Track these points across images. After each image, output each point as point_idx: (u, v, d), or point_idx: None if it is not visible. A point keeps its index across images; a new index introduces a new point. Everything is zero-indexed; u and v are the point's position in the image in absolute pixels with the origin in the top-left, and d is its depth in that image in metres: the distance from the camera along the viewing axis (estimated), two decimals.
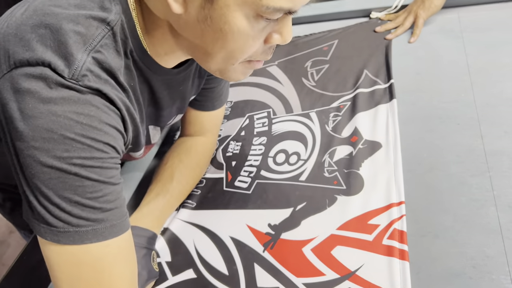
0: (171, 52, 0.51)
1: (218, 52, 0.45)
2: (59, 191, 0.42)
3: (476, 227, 0.59)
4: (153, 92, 0.55)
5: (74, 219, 0.43)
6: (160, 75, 0.53)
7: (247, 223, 0.68)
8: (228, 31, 0.42)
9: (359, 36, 1.00)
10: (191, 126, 0.76)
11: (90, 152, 0.42)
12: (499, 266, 0.54)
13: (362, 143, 0.74)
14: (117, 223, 0.46)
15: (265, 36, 0.45)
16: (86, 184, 0.43)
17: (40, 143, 0.41)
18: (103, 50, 0.44)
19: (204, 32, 0.43)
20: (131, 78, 0.49)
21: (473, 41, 0.89)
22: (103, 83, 0.44)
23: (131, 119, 0.50)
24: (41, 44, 0.41)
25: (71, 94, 0.41)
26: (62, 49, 0.41)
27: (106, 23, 0.44)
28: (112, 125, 0.45)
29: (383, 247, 0.58)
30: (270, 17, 0.42)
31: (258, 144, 0.82)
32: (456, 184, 0.65)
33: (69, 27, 0.42)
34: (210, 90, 0.71)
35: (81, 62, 0.42)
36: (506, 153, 0.66)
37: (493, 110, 0.74)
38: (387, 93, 0.82)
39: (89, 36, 0.43)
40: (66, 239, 0.43)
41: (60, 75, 0.41)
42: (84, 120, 0.42)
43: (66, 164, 0.41)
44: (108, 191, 0.45)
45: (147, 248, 0.64)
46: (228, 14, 0.41)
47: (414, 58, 0.91)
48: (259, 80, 0.97)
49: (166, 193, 0.69)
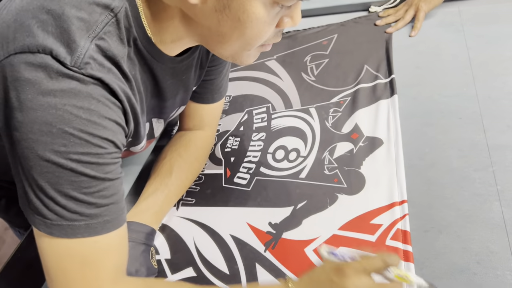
0: (178, 40, 0.50)
1: (235, 40, 0.46)
2: (55, 184, 0.42)
3: (480, 222, 0.58)
4: (157, 81, 0.54)
5: (68, 213, 0.43)
6: (164, 63, 0.52)
7: (247, 221, 0.66)
8: (247, 20, 0.43)
9: (359, 30, 0.99)
10: (190, 119, 0.75)
11: (88, 148, 0.42)
12: (504, 261, 0.53)
13: (363, 140, 0.73)
14: (111, 218, 0.45)
15: (277, 21, 0.46)
16: (82, 179, 0.42)
17: (38, 136, 0.40)
18: (107, 37, 0.43)
19: (221, 21, 0.43)
20: (133, 67, 0.48)
21: (474, 34, 0.88)
22: (106, 72, 0.43)
23: (132, 110, 0.49)
24: (42, 30, 0.40)
25: (72, 86, 0.40)
26: (65, 35, 0.40)
27: (110, 9, 0.43)
28: (113, 119, 0.44)
29: (386, 248, 0.57)
30: (286, 3, 0.42)
31: (257, 140, 0.81)
32: (459, 179, 0.64)
33: (72, 13, 0.41)
34: (210, 82, 0.70)
35: (84, 50, 0.41)
36: (509, 147, 0.66)
37: (495, 104, 0.73)
38: (388, 88, 0.81)
39: (92, 22, 0.42)
40: (58, 232, 0.43)
41: (61, 63, 0.40)
42: (83, 114, 0.41)
43: (63, 158, 0.41)
44: (104, 187, 0.44)
45: (146, 244, 0.62)
46: (246, 3, 0.41)
47: (414, 52, 0.90)
48: (258, 75, 0.95)
49: (165, 188, 0.68)
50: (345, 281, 0.43)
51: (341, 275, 0.44)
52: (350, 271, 0.44)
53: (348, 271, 0.44)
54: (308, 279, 0.48)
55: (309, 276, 0.48)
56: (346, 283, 0.43)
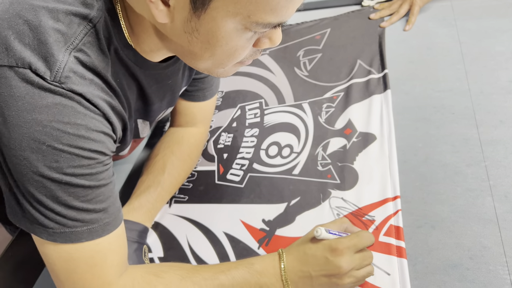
0: (157, 50, 0.49)
1: (207, 59, 0.44)
2: (52, 197, 0.42)
3: (473, 217, 0.58)
4: (141, 87, 0.53)
5: (70, 221, 0.43)
6: (147, 70, 0.51)
7: (240, 218, 0.66)
8: (217, 44, 0.41)
9: (352, 24, 0.99)
10: (181, 117, 0.74)
11: (79, 161, 0.42)
12: (496, 256, 0.54)
13: (356, 136, 0.73)
14: (110, 220, 0.47)
15: (253, 42, 0.44)
16: (78, 190, 0.43)
17: (29, 153, 0.40)
18: (86, 48, 0.42)
19: (191, 42, 0.42)
20: (117, 75, 0.47)
21: (466, 29, 0.88)
22: (88, 84, 0.42)
23: (119, 118, 0.48)
24: (19, 42, 0.39)
25: (56, 101, 0.40)
26: (42, 48, 0.39)
27: (88, 20, 0.42)
28: (100, 130, 0.44)
29: (379, 244, 0.57)
30: (259, 31, 0.41)
31: (250, 136, 0.80)
32: (451, 174, 0.64)
33: (49, 24, 0.40)
34: (201, 81, 0.69)
35: (62, 63, 0.40)
36: (501, 142, 0.66)
37: (488, 99, 0.73)
38: (381, 83, 0.81)
39: (70, 34, 0.41)
40: (62, 239, 0.44)
41: (41, 77, 0.39)
42: (71, 129, 0.41)
43: (56, 173, 0.41)
44: (99, 192, 0.45)
45: (139, 242, 0.62)
46: (215, 28, 0.40)
47: (407, 46, 0.89)
48: (250, 70, 0.95)
49: (157, 186, 0.67)
50: (339, 259, 0.49)
51: (335, 253, 0.49)
52: (344, 250, 0.49)
53: (342, 249, 0.49)
54: (303, 254, 0.51)
55: (304, 252, 0.51)
56: (340, 261, 0.48)
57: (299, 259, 0.51)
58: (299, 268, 0.50)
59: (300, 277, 0.50)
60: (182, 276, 0.50)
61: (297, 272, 0.50)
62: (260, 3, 0.37)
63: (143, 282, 0.49)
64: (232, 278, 0.50)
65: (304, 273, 0.50)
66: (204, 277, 0.50)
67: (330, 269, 0.49)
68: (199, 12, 0.38)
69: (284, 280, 0.50)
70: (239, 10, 0.37)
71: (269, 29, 0.41)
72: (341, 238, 0.50)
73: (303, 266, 0.50)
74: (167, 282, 0.49)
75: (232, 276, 0.50)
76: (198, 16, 0.39)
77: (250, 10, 0.37)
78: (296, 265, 0.51)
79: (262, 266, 0.51)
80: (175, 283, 0.49)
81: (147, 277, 0.49)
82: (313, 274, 0.50)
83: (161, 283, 0.49)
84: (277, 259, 0.52)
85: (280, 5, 0.38)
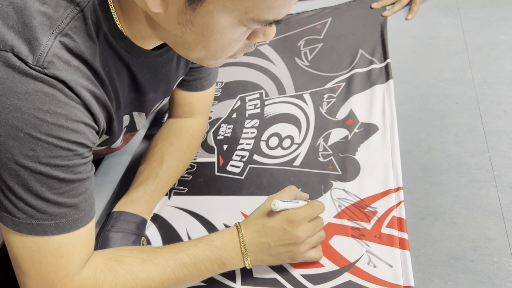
0: (148, 38, 0.48)
1: (200, 50, 0.43)
2: (24, 186, 0.41)
3: (477, 208, 0.57)
4: (134, 76, 0.52)
5: (38, 213, 0.43)
6: (139, 58, 0.50)
7: (241, 210, 0.65)
8: (211, 36, 0.41)
9: (353, 13, 0.97)
10: (179, 107, 0.72)
11: (56, 151, 0.41)
12: (501, 248, 0.53)
13: (358, 126, 0.72)
14: (80, 216, 0.46)
15: (247, 36, 0.43)
16: (51, 181, 0.42)
17: (5, 139, 0.39)
18: (73, 33, 0.41)
19: (185, 33, 0.41)
20: (106, 63, 0.46)
21: (470, 18, 0.87)
22: (72, 71, 0.41)
23: (103, 109, 0.47)
24: (3, 24, 0.38)
25: (37, 88, 0.39)
26: (26, 31, 0.38)
27: (76, 3, 0.41)
28: (80, 121, 0.43)
29: (382, 236, 0.56)
30: (254, 27, 0.40)
31: (250, 127, 0.79)
32: (455, 165, 0.63)
33: (35, 6, 0.39)
34: (198, 70, 0.68)
35: (46, 48, 0.39)
36: (506, 133, 0.65)
37: (492, 88, 0.72)
38: (383, 73, 0.79)
39: (56, 18, 0.40)
40: (27, 230, 0.43)
41: (24, 61, 0.38)
42: (50, 118, 0.40)
43: (32, 162, 0.40)
44: (73, 187, 0.44)
45: (137, 234, 0.61)
46: (210, 22, 0.39)
47: (409, 35, 0.88)
48: (250, 60, 0.93)
49: (155, 177, 0.66)
50: (297, 229, 0.52)
51: (293, 224, 0.52)
52: (300, 221, 0.52)
53: (299, 220, 0.52)
54: (261, 226, 0.53)
55: (263, 224, 0.53)
56: (298, 231, 0.52)
57: (258, 231, 0.53)
58: (258, 240, 0.53)
59: (259, 248, 0.53)
60: (143, 259, 0.50)
61: (257, 243, 0.53)
62: (258, 1, 0.37)
63: (105, 269, 0.48)
64: (193, 256, 0.51)
65: (264, 244, 0.52)
66: (165, 258, 0.51)
67: (288, 238, 0.52)
68: (194, 5, 0.37)
69: (244, 252, 0.52)
70: (236, 6, 0.37)
71: (265, 25, 0.40)
72: (297, 209, 0.53)
73: (262, 238, 0.52)
74: (128, 266, 0.49)
75: (193, 255, 0.51)
76: (193, 9, 0.38)
77: (247, 7, 0.37)
78: (255, 237, 0.53)
79: (221, 242, 0.53)
80: (137, 266, 0.49)
81: (108, 263, 0.49)
82: (272, 244, 0.52)
83: (123, 268, 0.49)
84: (236, 233, 0.53)
85: (278, 3, 0.37)
